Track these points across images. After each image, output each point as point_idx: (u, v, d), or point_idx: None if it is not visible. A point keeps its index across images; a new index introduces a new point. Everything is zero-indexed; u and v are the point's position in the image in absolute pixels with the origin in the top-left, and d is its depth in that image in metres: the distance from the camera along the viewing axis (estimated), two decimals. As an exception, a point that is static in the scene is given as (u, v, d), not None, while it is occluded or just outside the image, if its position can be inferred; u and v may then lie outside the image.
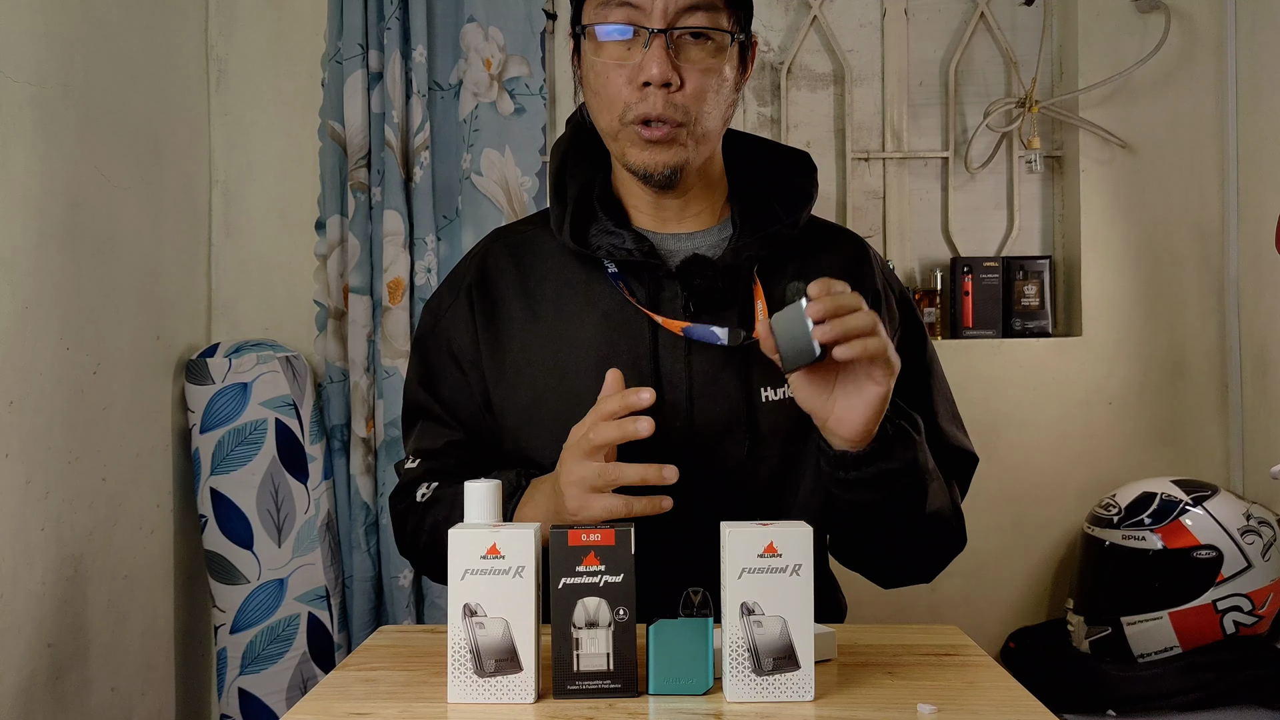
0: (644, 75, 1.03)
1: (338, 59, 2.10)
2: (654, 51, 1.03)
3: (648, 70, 1.03)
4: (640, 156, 1.07)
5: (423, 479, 1.16)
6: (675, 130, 1.05)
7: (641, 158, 1.07)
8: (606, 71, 1.06)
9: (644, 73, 1.03)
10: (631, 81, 1.05)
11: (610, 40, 1.05)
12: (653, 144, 1.06)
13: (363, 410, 2.08)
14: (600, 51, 1.06)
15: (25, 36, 1.55)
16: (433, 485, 1.15)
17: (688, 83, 1.04)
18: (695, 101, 1.05)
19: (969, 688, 0.88)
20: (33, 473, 1.55)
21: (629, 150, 1.08)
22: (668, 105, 1.04)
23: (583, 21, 1.08)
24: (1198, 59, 2.20)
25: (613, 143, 1.10)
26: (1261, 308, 2.09)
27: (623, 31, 1.04)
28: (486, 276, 1.18)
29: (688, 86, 1.04)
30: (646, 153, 1.07)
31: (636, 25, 1.04)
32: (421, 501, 1.14)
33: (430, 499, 1.14)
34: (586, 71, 1.10)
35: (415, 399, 1.21)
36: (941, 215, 2.31)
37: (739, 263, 1.10)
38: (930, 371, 1.20)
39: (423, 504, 1.14)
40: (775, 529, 0.84)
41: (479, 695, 0.84)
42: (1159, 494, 1.90)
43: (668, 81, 1.03)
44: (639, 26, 1.04)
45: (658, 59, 1.02)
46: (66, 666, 1.63)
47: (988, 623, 2.19)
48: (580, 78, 1.13)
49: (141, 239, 1.89)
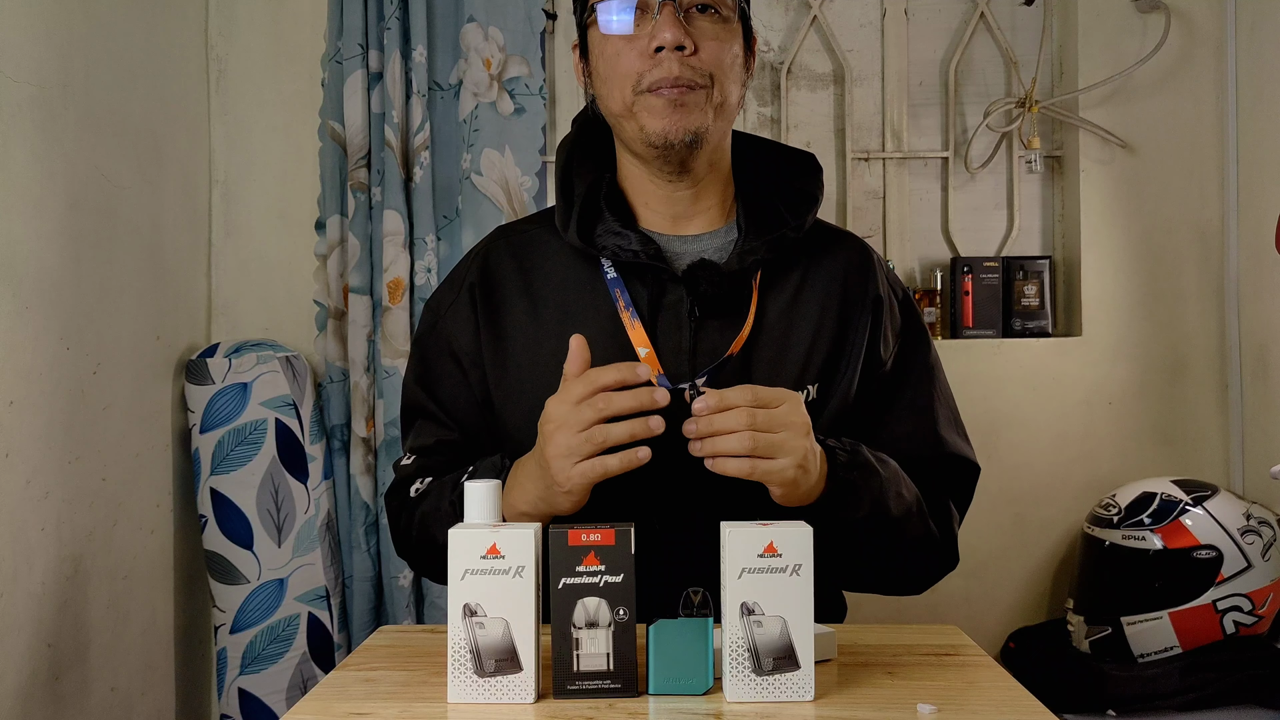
0: (657, 40, 1.03)
1: (338, 59, 2.10)
2: (665, 18, 1.03)
3: (660, 35, 1.03)
4: (659, 123, 1.05)
5: (416, 475, 1.16)
6: (693, 92, 1.05)
7: (661, 124, 1.05)
8: (617, 49, 1.06)
9: (656, 38, 1.03)
10: (643, 53, 1.05)
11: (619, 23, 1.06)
12: (672, 108, 1.05)
13: (363, 410, 2.08)
14: (609, 34, 1.07)
15: (25, 36, 1.55)
16: (426, 480, 1.15)
17: (702, 49, 1.05)
18: (713, 65, 1.05)
19: (969, 688, 0.88)
20: (33, 473, 1.55)
21: (646, 120, 1.06)
22: (684, 68, 1.04)
23: (590, 1, 1.08)
24: (1198, 59, 2.20)
25: (627, 120, 1.08)
26: (1261, 308, 2.09)
27: (629, 7, 1.05)
28: (489, 275, 1.18)
29: (703, 52, 1.05)
30: (666, 119, 1.05)
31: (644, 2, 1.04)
32: (414, 497, 1.15)
33: (421, 493, 1.14)
34: (596, 59, 1.09)
35: (413, 398, 1.21)
36: (941, 215, 2.31)
37: (745, 267, 1.10)
38: (933, 377, 1.19)
39: (414, 499, 1.15)
40: (775, 529, 0.84)
41: (479, 695, 0.84)
42: (1159, 494, 1.90)
43: (681, 45, 1.03)
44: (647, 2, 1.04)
45: (670, 24, 1.03)
46: (66, 666, 1.63)
47: (988, 623, 2.19)
48: (587, 72, 1.13)
49: (141, 239, 1.89)
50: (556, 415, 0.96)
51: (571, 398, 0.94)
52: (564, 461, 0.94)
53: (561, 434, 0.94)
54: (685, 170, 1.11)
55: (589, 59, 1.12)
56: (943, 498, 1.14)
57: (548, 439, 0.96)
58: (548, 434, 0.96)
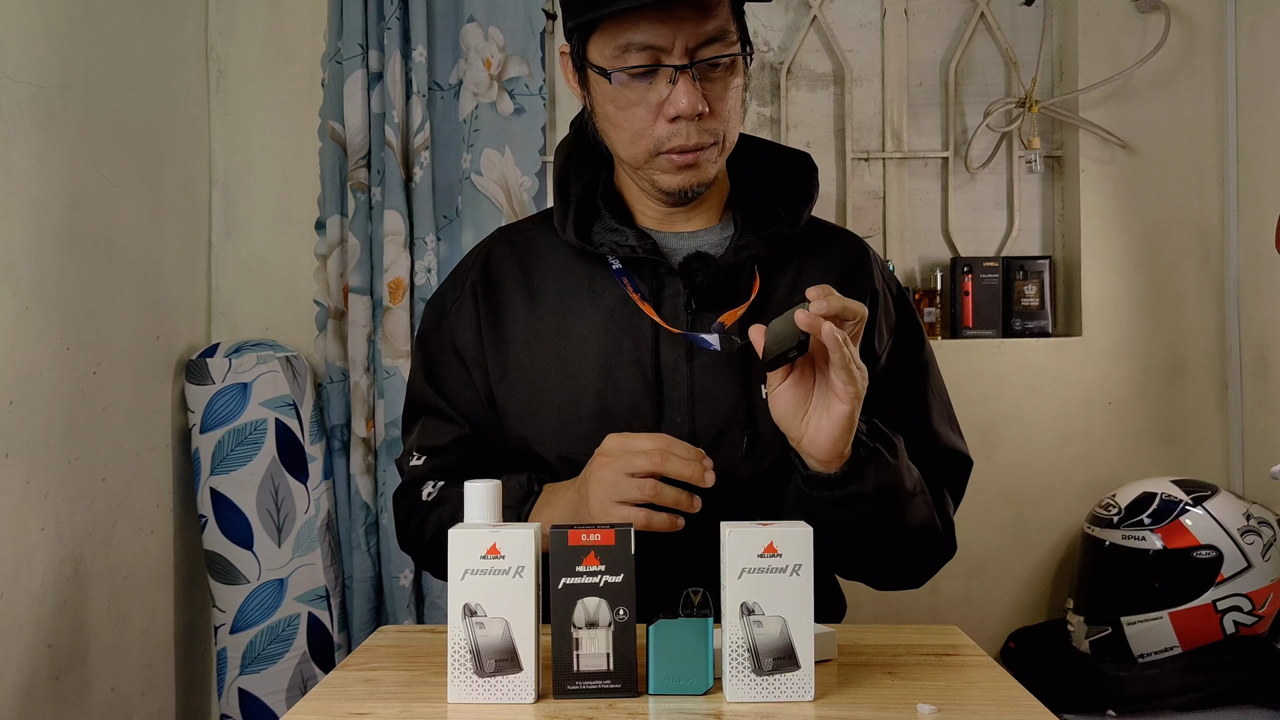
0: (674, 110, 1.03)
1: (338, 59, 2.10)
2: (682, 86, 1.03)
3: (677, 105, 1.03)
4: (674, 181, 1.09)
5: (428, 476, 1.17)
6: (706, 151, 1.07)
7: (675, 181, 1.09)
8: (629, 105, 1.06)
9: (674, 107, 1.03)
10: (658, 115, 1.05)
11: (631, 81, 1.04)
12: (686, 169, 1.07)
13: (363, 410, 2.08)
14: (621, 88, 1.05)
15: (25, 36, 1.55)
16: (438, 484, 1.15)
17: (715, 109, 1.06)
18: (723, 123, 1.07)
19: (969, 688, 0.88)
20: (33, 473, 1.55)
21: (660, 179, 1.09)
22: (701, 134, 1.06)
23: (596, 63, 1.06)
24: (1198, 59, 2.20)
25: (638, 173, 1.11)
26: (1261, 308, 2.09)
27: (647, 73, 1.04)
28: (490, 274, 1.19)
29: (715, 112, 1.06)
30: (680, 177, 1.08)
31: (659, 65, 1.03)
32: (427, 500, 1.15)
33: (436, 498, 1.15)
34: (602, 104, 1.09)
35: (420, 395, 1.21)
36: (941, 215, 2.31)
37: (740, 261, 1.11)
38: (926, 372, 1.20)
39: (428, 502, 1.15)
40: (775, 529, 0.84)
41: (479, 695, 0.84)
42: (1159, 494, 1.90)
43: (699, 113, 1.04)
44: (661, 66, 1.03)
45: (687, 93, 1.03)
46: (66, 666, 1.63)
47: (988, 623, 2.19)
48: (587, 100, 1.12)
49: (141, 239, 1.89)
50: (614, 451, 0.99)
51: (638, 446, 0.98)
52: (606, 498, 0.97)
53: (612, 472, 0.98)
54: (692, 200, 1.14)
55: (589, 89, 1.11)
56: (939, 486, 1.15)
57: (597, 468, 0.99)
58: (599, 464, 0.99)
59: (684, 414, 1.10)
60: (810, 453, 0.97)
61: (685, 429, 1.09)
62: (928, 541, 1.11)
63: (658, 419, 1.10)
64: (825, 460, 0.97)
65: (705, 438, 1.10)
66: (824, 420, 0.95)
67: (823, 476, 0.99)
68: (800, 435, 0.97)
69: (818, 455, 0.97)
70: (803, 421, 0.96)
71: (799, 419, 0.96)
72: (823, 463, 0.98)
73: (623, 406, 1.10)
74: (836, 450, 0.96)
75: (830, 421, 0.94)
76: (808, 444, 0.97)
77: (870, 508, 1.01)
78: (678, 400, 1.10)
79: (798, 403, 0.96)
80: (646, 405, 1.10)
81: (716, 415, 1.10)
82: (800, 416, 0.96)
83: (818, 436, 0.95)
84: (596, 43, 1.05)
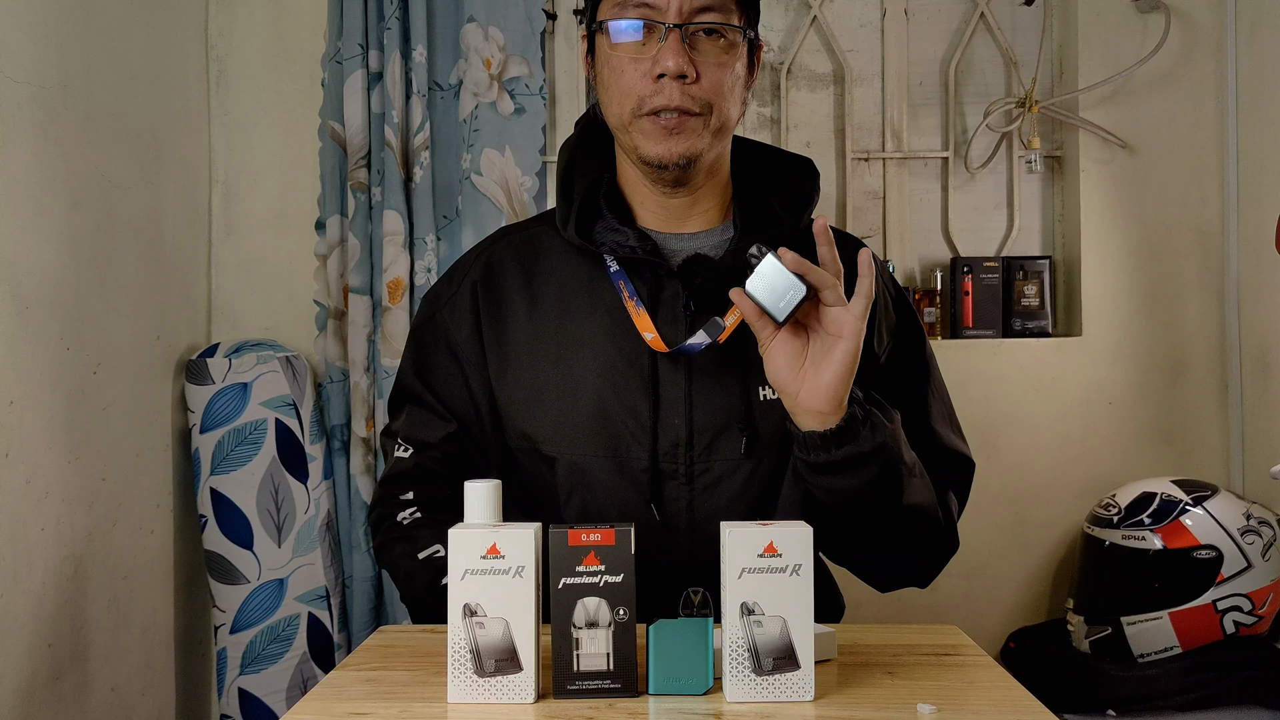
0: (659, 67, 1.04)
1: (338, 59, 2.10)
2: (670, 45, 1.04)
3: (663, 63, 1.04)
4: (654, 148, 1.08)
5: (413, 472, 1.17)
6: (688, 119, 1.06)
7: (656, 149, 1.08)
8: (621, 65, 1.07)
9: (659, 65, 1.04)
10: (646, 75, 1.06)
11: (626, 38, 1.07)
12: (668, 134, 1.07)
13: (363, 410, 2.08)
14: (615, 47, 1.08)
15: (25, 36, 1.55)
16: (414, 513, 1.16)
17: (704, 76, 1.06)
18: (712, 94, 1.07)
19: (969, 688, 0.88)
20: (33, 473, 1.55)
21: (642, 143, 1.09)
22: (684, 97, 1.05)
23: (599, 18, 1.09)
24: (1198, 59, 2.20)
25: (624, 136, 1.11)
26: (1261, 308, 2.09)
27: (637, 27, 1.06)
28: (491, 272, 1.20)
29: (704, 80, 1.06)
30: (661, 144, 1.07)
31: (652, 21, 1.05)
32: (402, 523, 1.16)
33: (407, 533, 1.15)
34: (601, 67, 1.11)
35: (409, 385, 1.22)
36: (941, 215, 2.31)
37: (740, 263, 1.11)
38: (927, 374, 1.20)
39: (403, 525, 1.16)
40: (775, 529, 0.84)
41: (479, 695, 0.84)
42: (1159, 494, 1.90)
43: (683, 74, 1.04)
44: (654, 22, 1.05)
45: (674, 51, 1.04)
46: (66, 666, 1.63)
47: (988, 623, 2.19)
48: (594, 75, 1.14)
49: (141, 239, 1.88)
50: None
51: None
52: None
53: None
54: (681, 184, 1.13)
55: (595, 60, 1.13)
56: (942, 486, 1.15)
57: None
58: None
59: (681, 415, 1.10)
60: (810, 405, 0.97)
61: (682, 430, 1.09)
62: (929, 527, 1.10)
63: (654, 420, 1.10)
64: (824, 410, 0.97)
65: (703, 439, 1.10)
66: (824, 364, 0.96)
67: (819, 436, 0.98)
68: (798, 388, 0.97)
69: (817, 405, 0.97)
70: (800, 374, 0.97)
71: (796, 372, 0.97)
72: (821, 414, 0.97)
73: (620, 408, 1.10)
74: (836, 396, 0.97)
75: (831, 364, 0.96)
76: (806, 395, 0.97)
77: (869, 472, 1.00)
78: (674, 401, 1.10)
79: (793, 357, 0.97)
80: (644, 407, 1.10)
81: (714, 416, 1.10)
82: (798, 369, 0.97)
83: (817, 384, 0.96)
84: (604, 6, 1.09)
